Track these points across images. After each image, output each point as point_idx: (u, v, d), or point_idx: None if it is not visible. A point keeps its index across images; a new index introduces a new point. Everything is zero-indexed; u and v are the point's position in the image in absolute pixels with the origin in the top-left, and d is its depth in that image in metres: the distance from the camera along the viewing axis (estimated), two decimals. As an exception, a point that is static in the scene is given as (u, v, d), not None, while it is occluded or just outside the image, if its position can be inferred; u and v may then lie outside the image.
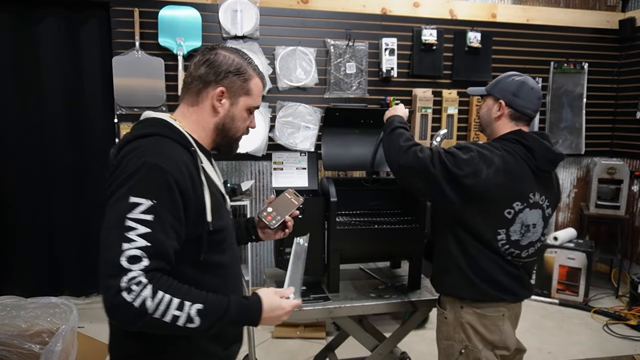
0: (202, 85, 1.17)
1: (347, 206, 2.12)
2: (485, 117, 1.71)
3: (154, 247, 0.95)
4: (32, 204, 3.53)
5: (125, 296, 0.91)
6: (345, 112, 2.16)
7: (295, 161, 3.64)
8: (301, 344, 3.10)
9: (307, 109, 3.71)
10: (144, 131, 1.09)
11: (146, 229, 0.95)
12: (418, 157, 1.55)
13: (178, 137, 1.10)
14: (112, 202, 1.00)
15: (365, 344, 2.04)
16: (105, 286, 0.93)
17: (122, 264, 0.92)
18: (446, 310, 1.70)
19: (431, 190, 1.57)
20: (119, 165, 1.04)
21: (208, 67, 1.16)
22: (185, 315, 0.96)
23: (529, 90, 1.64)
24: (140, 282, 0.92)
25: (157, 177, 0.99)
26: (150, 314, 0.93)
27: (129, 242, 0.93)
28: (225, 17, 3.50)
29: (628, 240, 4.19)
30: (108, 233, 0.97)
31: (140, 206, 0.96)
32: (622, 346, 3.19)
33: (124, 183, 0.99)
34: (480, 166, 1.50)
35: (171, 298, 0.95)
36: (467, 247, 1.59)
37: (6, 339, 2.19)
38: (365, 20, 3.77)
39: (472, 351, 1.63)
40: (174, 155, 1.05)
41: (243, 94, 1.20)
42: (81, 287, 3.72)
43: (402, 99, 3.89)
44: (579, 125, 4.33)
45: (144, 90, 3.43)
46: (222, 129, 1.20)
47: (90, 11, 3.44)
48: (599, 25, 4.28)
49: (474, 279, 1.59)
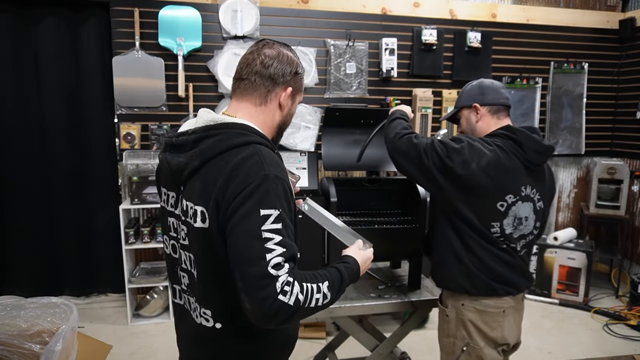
0: (271, 86, 1.17)
1: (347, 206, 2.13)
2: (468, 127, 1.76)
3: (289, 251, 1.02)
4: (32, 204, 3.53)
5: (282, 299, 0.98)
6: (345, 112, 2.16)
7: (295, 161, 3.66)
8: (301, 344, 3.10)
9: (307, 109, 3.71)
10: (240, 140, 1.08)
11: (279, 237, 1.01)
12: (412, 143, 1.62)
13: (268, 143, 1.13)
14: (240, 217, 1.01)
15: (365, 344, 2.04)
16: (261, 298, 0.97)
17: (271, 273, 0.98)
18: (447, 308, 1.71)
19: (424, 177, 1.62)
20: (232, 177, 1.03)
21: (276, 68, 1.16)
22: (322, 295, 1.06)
23: (490, 85, 1.73)
24: (289, 282, 1.00)
25: (277, 187, 1.04)
26: (302, 305, 1.01)
27: (270, 252, 0.99)
28: (225, 17, 3.51)
29: (628, 240, 4.19)
30: (249, 248, 1.00)
31: (270, 217, 1.01)
32: (622, 346, 3.19)
33: (250, 196, 1.01)
34: (471, 156, 1.53)
35: (311, 286, 1.04)
36: (464, 237, 1.61)
37: (6, 339, 2.19)
38: (365, 20, 3.77)
39: (473, 348, 1.64)
40: (280, 163, 1.10)
41: (299, 92, 1.25)
42: (81, 287, 3.72)
43: (402, 99, 3.90)
44: (579, 125, 4.34)
45: (144, 90, 3.44)
46: (282, 126, 1.24)
47: (90, 11, 3.44)
48: (599, 25, 4.28)
49: (472, 268, 1.61)
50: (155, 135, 3.51)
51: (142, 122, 3.51)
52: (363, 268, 1.26)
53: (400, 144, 1.65)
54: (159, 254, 3.69)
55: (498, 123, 1.69)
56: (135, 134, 3.48)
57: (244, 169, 1.03)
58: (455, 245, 1.63)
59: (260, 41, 1.20)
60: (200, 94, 3.57)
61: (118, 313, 3.55)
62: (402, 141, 1.65)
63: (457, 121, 1.82)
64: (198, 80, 3.55)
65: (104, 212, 3.65)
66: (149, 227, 3.35)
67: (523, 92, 4.20)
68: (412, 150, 1.61)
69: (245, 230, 1.00)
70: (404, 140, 1.64)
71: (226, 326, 1.14)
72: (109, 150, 3.61)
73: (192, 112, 3.53)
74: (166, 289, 3.46)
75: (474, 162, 1.53)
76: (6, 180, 3.49)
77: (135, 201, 3.28)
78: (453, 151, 1.55)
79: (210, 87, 3.58)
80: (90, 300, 3.74)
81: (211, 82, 3.57)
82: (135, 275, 3.42)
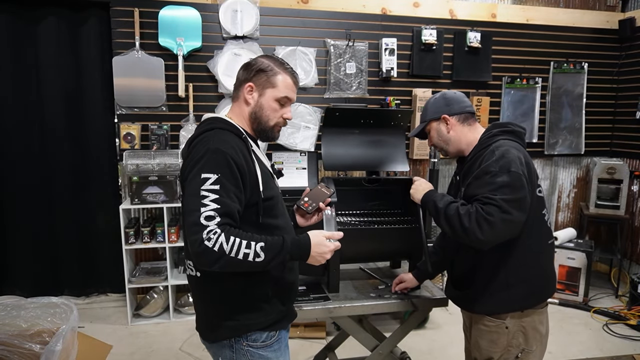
0: (238, 83, 1.48)
1: (347, 206, 2.13)
2: (440, 140, 1.77)
3: (223, 208, 1.26)
4: (32, 203, 3.53)
5: (207, 244, 1.22)
6: (345, 112, 2.16)
7: (295, 161, 3.66)
8: (301, 344, 3.10)
9: (307, 109, 3.71)
10: (205, 127, 1.39)
11: (215, 196, 1.26)
12: (506, 221, 1.49)
13: (231, 128, 1.40)
14: (189, 180, 1.30)
15: (365, 344, 2.04)
16: (192, 241, 1.23)
17: (202, 222, 1.23)
18: (505, 320, 1.62)
19: (514, 233, 1.54)
20: (190, 154, 1.35)
21: (244, 69, 1.47)
22: (252, 251, 1.25)
23: (453, 95, 1.76)
24: (216, 232, 1.23)
25: (219, 157, 1.29)
26: (227, 254, 1.23)
27: (204, 207, 1.24)
28: (225, 17, 3.51)
29: (628, 240, 4.19)
30: (189, 202, 1.27)
31: (209, 179, 1.27)
32: (622, 346, 3.19)
33: (195, 164, 1.30)
34: (515, 168, 1.52)
35: (240, 240, 1.25)
36: (513, 255, 1.60)
37: (7, 339, 2.19)
38: (365, 20, 3.77)
39: (527, 353, 1.63)
40: (230, 141, 1.34)
41: (269, 87, 1.45)
42: (81, 287, 3.73)
43: (402, 99, 3.90)
44: (578, 125, 4.34)
45: (144, 90, 3.44)
46: (255, 117, 1.47)
47: (90, 11, 3.44)
48: (598, 25, 4.28)
49: (535, 281, 1.62)
50: (155, 135, 3.51)
51: (142, 122, 3.51)
52: (315, 251, 1.37)
53: (484, 236, 1.49)
54: (159, 254, 3.69)
55: (471, 129, 1.73)
56: (135, 134, 3.48)
57: (196, 147, 1.35)
58: (504, 270, 1.59)
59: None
60: (200, 94, 3.57)
61: (118, 313, 3.55)
62: (484, 232, 1.48)
63: (426, 136, 1.84)
64: (198, 80, 3.55)
65: (104, 212, 3.65)
66: (149, 227, 3.35)
67: (523, 92, 4.20)
68: (497, 233, 1.49)
69: (190, 189, 1.28)
70: (482, 231, 1.48)
71: (204, 274, 1.38)
72: (109, 150, 3.61)
73: (192, 112, 3.53)
74: (166, 289, 3.46)
75: (525, 171, 1.54)
76: (6, 180, 3.49)
77: (135, 201, 3.28)
78: (511, 191, 1.49)
79: (210, 87, 3.58)
80: (90, 300, 3.74)
81: (211, 82, 3.57)
82: (135, 275, 3.43)
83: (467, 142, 1.72)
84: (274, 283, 1.42)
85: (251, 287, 1.39)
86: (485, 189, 1.52)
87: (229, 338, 1.40)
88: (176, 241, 3.37)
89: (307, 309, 1.82)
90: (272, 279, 1.42)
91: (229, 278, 1.35)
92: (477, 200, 1.52)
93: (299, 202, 1.67)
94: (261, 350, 1.42)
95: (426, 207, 1.72)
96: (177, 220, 3.49)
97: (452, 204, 1.59)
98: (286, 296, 1.49)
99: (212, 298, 1.41)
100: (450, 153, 1.78)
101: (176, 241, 3.37)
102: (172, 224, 3.38)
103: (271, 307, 1.43)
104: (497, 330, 1.64)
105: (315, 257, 1.38)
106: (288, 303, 1.51)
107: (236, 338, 1.40)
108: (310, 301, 1.88)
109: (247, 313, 1.40)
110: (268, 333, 1.43)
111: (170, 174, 3.31)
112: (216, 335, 1.42)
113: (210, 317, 1.43)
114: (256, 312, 1.41)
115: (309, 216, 1.69)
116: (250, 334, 1.40)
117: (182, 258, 3.60)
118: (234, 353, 1.40)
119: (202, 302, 1.46)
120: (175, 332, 3.21)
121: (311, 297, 1.91)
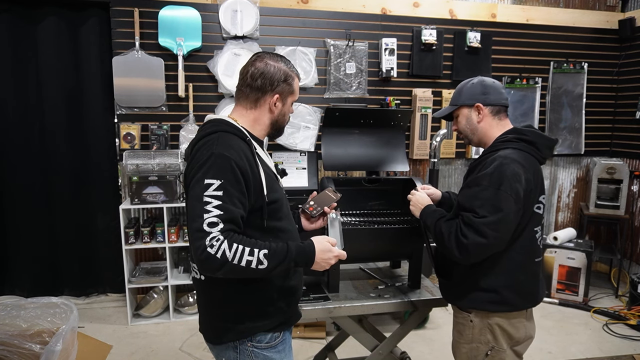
0: (260, 94, 1.43)
1: (347, 206, 2.13)
2: (467, 127, 1.71)
3: (226, 214, 1.25)
4: (32, 204, 3.53)
5: (209, 251, 1.21)
6: (345, 112, 2.16)
7: (295, 161, 3.66)
8: (301, 344, 3.10)
9: (307, 109, 3.71)
10: (209, 130, 1.37)
11: (218, 202, 1.25)
12: (479, 245, 1.50)
13: (236, 131, 1.38)
14: (193, 184, 1.29)
15: (365, 344, 2.04)
16: (195, 247, 1.23)
17: (205, 229, 1.22)
18: (471, 313, 1.64)
19: (493, 251, 1.54)
20: (194, 157, 1.34)
21: (263, 79, 1.42)
22: (255, 259, 1.25)
23: (492, 84, 1.69)
24: (219, 239, 1.22)
25: (223, 162, 1.28)
26: (230, 261, 1.23)
27: (207, 213, 1.24)
28: (225, 17, 3.51)
29: (628, 240, 4.20)
30: (192, 207, 1.27)
31: (213, 185, 1.26)
32: (622, 346, 3.19)
33: (199, 169, 1.29)
34: (514, 189, 1.50)
35: (244, 247, 1.25)
36: (494, 263, 1.58)
37: (6, 339, 2.19)
38: (365, 20, 3.77)
39: (497, 352, 1.61)
40: (234, 145, 1.33)
41: (290, 95, 1.48)
42: (81, 287, 3.73)
43: (402, 99, 3.90)
44: (578, 125, 4.34)
45: (144, 90, 3.44)
46: (276, 123, 1.49)
47: (90, 11, 3.44)
48: (598, 25, 4.28)
49: (521, 284, 1.60)
50: (155, 135, 3.51)
51: (142, 122, 3.51)
52: (320, 257, 1.39)
53: (476, 253, 1.51)
54: (159, 254, 3.69)
55: (499, 124, 1.67)
56: (135, 134, 3.48)
57: (200, 149, 1.33)
58: (497, 264, 1.58)
59: (255, 54, 1.47)
60: (200, 94, 3.57)
61: (118, 313, 3.55)
62: (476, 251, 1.50)
63: (451, 118, 1.78)
64: (198, 80, 3.55)
65: (104, 212, 3.65)
66: (149, 227, 3.35)
67: (523, 92, 4.20)
68: (486, 247, 1.50)
69: (193, 194, 1.27)
70: (475, 250, 1.50)
71: (208, 277, 1.36)
72: (109, 150, 3.61)
73: (192, 112, 3.53)
74: (166, 289, 3.46)
75: (521, 189, 1.51)
76: (6, 180, 3.49)
77: (135, 201, 3.28)
78: (506, 198, 1.49)
79: (210, 87, 3.58)
80: (90, 300, 3.74)
81: (211, 82, 3.57)
82: (135, 275, 3.42)
83: (492, 136, 1.67)
84: (279, 286, 1.43)
85: (256, 291, 1.39)
86: (470, 202, 1.53)
87: (234, 340, 1.40)
88: (176, 241, 3.37)
89: (307, 309, 1.82)
90: (277, 283, 1.42)
91: (233, 282, 1.35)
92: (461, 217, 1.55)
93: (305, 205, 1.68)
94: (265, 351, 1.42)
95: (424, 223, 1.75)
96: (177, 220, 3.49)
97: (439, 220, 1.63)
98: (291, 299, 1.49)
99: (217, 301, 1.41)
100: (472, 143, 1.74)
101: (176, 241, 3.37)
102: (172, 224, 3.38)
103: (276, 310, 1.43)
104: (462, 322, 1.68)
105: (319, 263, 1.39)
106: (293, 305, 1.51)
107: (241, 340, 1.40)
108: (310, 301, 1.88)
109: (253, 316, 1.40)
110: (272, 334, 1.43)
111: (170, 174, 3.31)
112: (221, 338, 1.41)
113: (215, 320, 1.43)
114: (261, 316, 1.41)
115: (314, 220, 1.70)
116: (254, 335, 1.40)
117: (182, 258, 3.60)
118: (238, 354, 1.40)
119: (206, 304, 1.46)
120: (175, 332, 3.22)
121: (311, 297, 1.91)
